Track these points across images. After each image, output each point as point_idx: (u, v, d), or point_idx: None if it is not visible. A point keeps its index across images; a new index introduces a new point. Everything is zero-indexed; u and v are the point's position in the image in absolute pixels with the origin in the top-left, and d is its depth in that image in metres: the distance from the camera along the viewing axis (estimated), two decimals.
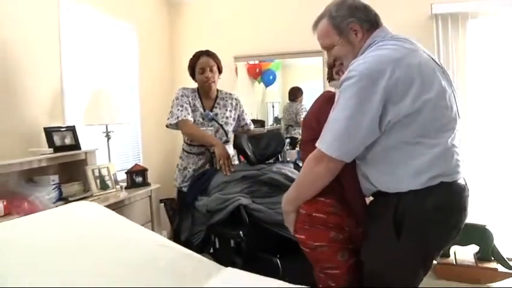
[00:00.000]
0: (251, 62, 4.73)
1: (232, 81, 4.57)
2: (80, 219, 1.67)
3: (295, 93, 4.57)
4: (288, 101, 4.65)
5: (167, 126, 2.77)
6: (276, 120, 4.78)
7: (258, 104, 4.91)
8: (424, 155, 1.41)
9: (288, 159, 3.62)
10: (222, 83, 4.48)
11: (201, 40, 4.55)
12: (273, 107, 4.90)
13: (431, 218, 1.42)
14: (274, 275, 1.61)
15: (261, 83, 4.84)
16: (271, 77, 4.81)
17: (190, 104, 2.74)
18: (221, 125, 2.79)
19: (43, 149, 2.79)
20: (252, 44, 4.45)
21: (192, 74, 2.85)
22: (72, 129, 3.04)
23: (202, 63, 2.78)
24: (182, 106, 2.69)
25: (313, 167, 1.50)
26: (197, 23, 4.65)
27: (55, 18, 3.11)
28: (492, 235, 3.13)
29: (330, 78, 1.84)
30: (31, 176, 2.76)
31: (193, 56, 2.84)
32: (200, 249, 2.21)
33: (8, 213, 2.40)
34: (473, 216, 3.62)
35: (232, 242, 2.09)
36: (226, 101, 2.93)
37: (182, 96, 2.74)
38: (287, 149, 4.30)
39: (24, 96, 2.82)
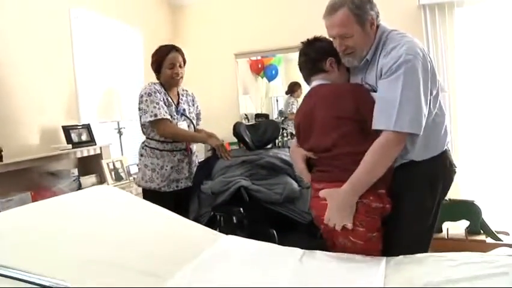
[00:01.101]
0: (253, 58, 4.92)
1: (233, 78, 4.81)
2: (101, 199, 1.95)
3: (291, 88, 4.75)
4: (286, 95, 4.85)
5: (143, 124, 2.61)
6: (281, 113, 4.96)
7: (262, 98, 5.12)
8: (443, 124, 1.76)
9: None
10: (223, 80, 4.78)
11: (202, 39, 4.81)
12: (277, 101, 5.09)
13: (450, 172, 1.80)
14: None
15: (264, 78, 5.04)
16: (273, 72, 4.99)
17: (163, 100, 2.59)
18: (191, 120, 2.73)
19: (63, 145, 3.07)
20: (252, 40, 4.68)
21: (157, 69, 2.66)
22: (87, 127, 3.32)
23: (172, 59, 2.61)
24: (158, 104, 2.52)
25: (390, 150, 1.58)
26: (198, 23, 4.90)
27: (67, 26, 3.39)
28: (480, 210, 3.33)
29: (315, 72, 1.85)
30: (53, 169, 3.05)
31: (159, 50, 2.66)
32: None
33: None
34: (463, 192, 3.87)
35: (234, 218, 2.34)
36: (187, 97, 2.81)
37: (155, 92, 2.55)
38: (288, 139, 4.54)
39: (43, 98, 3.11)
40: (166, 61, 2.60)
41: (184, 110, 2.71)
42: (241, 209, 2.30)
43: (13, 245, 1.38)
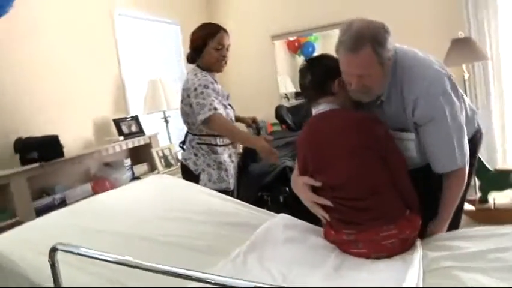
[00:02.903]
0: (290, 38, 4.94)
1: (270, 59, 4.86)
2: (162, 187, 2.15)
3: None
4: None
5: (203, 122, 2.21)
6: None
7: None
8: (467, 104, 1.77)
9: None
10: (261, 63, 4.84)
11: (239, 25, 4.86)
12: None
13: (481, 139, 1.91)
14: (316, 224, 1.93)
15: (301, 56, 5.06)
16: (310, 49, 4.98)
17: (216, 90, 2.29)
18: (232, 107, 2.45)
19: (115, 137, 3.28)
20: (287, 21, 4.69)
21: (199, 49, 2.32)
22: (136, 118, 3.52)
23: (222, 39, 2.30)
24: (216, 97, 2.24)
25: (465, 182, 1.66)
26: (234, 10, 4.96)
27: (110, 24, 3.57)
28: None
29: (322, 95, 1.66)
30: (108, 160, 3.27)
31: (205, 27, 2.36)
32: None
33: (95, 193, 2.91)
34: (504, 163, 3.81)
35: (281, 198, 2.46)
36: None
37: (211, 83, 2.26)
38: None
39: (94, 94, 3.34)
40: (214, 40, 2.28)
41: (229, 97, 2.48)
42: (287, 188, 2.41)
43: (92, 230, 1.58)
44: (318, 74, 1.66)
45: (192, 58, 2.38)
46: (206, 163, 2.33)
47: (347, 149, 1.55)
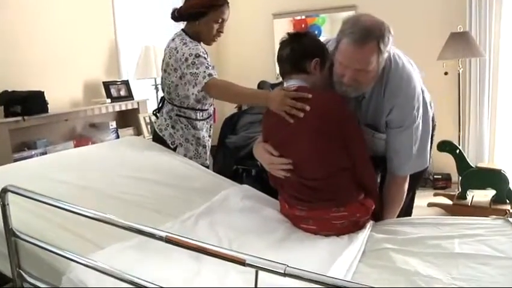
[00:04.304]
0: (297, 18, 4.87)
1: (270, 38, 4.83)
2: (135, 147, 2.18)
3: None
4: None
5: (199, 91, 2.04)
6: None
7: None
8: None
9: None
10: (260, 41, 4.80)
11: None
12: None
13: (434, 128, 1.93)
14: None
15: None
16: (316, 32, 4.95)
17: (206, 59, 2.14)
18: None
19: (103, 99, 3.31)
20: (291, 1, 4.66)
21: (199, 15, 2.15)
22: (126, 83, 3.55)
23: (225, 14, 2.17)
24: (209, 64, 2.09)
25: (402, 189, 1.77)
26: None
27: None
28: (507, 179, 3.28)
29: (296, 71, 1.64)
30: (94, 121, 3.31)
31: None
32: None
33: None
34: (498, 160, 3.81)
35: (253, 171, 2.50)
36: None
37: (203, 53, 2.12)
38: None
39: (86, 56, 3.36)
40: (217, 13, 2.14)
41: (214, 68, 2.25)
42: (258, 163, 2.44)
43: (54, 181, 1.64)
44: (297, 50, 1.63)
45: (179, 18, 2.22)
46: (184, 137, 2.26)
47: (307, 131, 1.55)
